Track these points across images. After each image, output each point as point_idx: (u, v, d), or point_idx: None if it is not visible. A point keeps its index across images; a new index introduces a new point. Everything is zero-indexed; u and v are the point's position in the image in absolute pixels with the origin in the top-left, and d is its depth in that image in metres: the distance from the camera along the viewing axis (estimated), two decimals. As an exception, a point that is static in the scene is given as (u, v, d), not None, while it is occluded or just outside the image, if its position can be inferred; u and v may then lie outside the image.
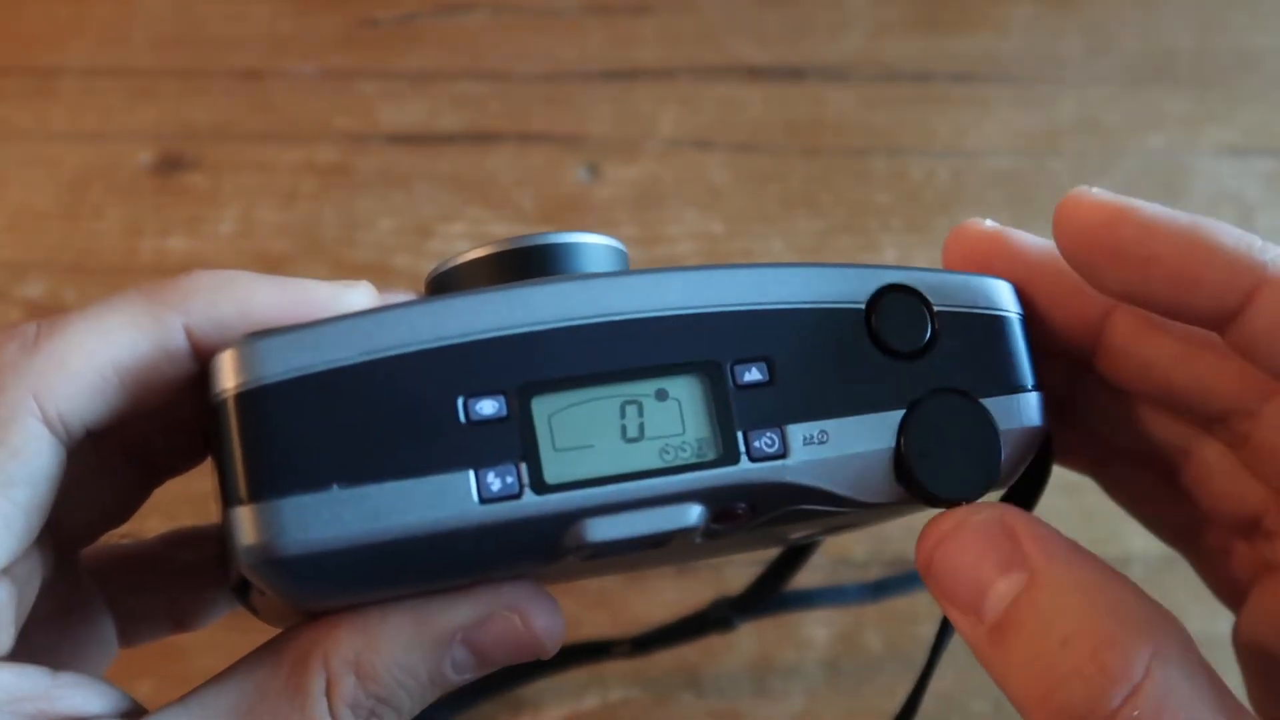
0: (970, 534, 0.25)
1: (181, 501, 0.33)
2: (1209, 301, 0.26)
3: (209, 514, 0.31)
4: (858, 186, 0.57)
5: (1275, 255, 0.25)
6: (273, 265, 0.54)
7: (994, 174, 0.58)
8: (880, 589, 0.47)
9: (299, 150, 0.57)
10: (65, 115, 0.57)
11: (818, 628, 0.48)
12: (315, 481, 0.23)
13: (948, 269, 0.29)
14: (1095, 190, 0.27)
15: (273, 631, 0.28)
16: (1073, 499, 0.53)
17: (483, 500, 0.24)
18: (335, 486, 0.23)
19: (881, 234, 0.56)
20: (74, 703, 0.25)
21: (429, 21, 0.60)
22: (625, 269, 0.29)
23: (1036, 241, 0.29)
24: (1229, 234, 0.25)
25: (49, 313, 0.35)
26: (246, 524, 0.23)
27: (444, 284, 0.28)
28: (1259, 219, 0.57)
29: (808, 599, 0.47)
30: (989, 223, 0.29)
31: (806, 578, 0.48)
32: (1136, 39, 0.62)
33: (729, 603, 0.46)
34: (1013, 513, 0.25)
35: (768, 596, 0.45)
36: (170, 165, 0.56)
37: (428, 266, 0.29)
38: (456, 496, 0.24)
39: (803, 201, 0.57)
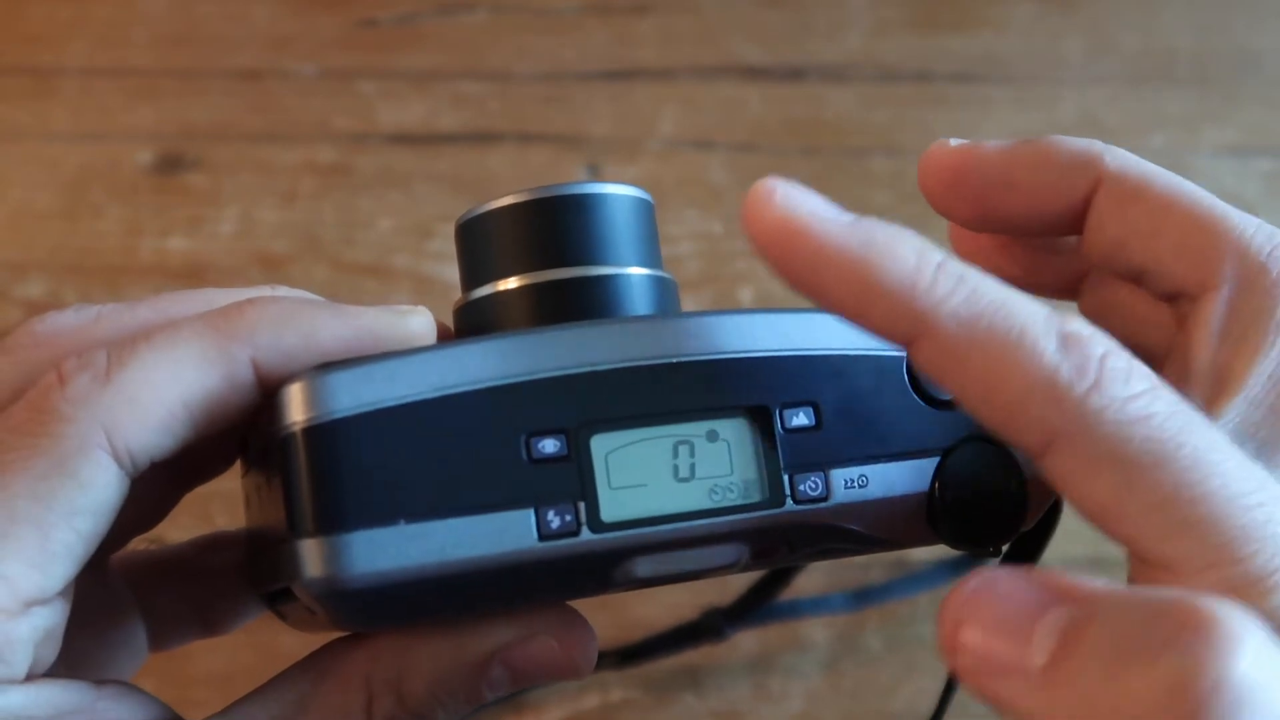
0: (1001, 588, 0.22)
1: (181, 504, 0.33)
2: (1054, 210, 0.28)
3: (210, 517, 0.31)
4: (858, 186, 0.57)
5: (1113, 151, 0.28)
6: (273, 265, 0.54)
7: (994, 174, 0.58)
8: (861, 598, 0.48)
9: (299, 150, 0.57)
10: (65, 115, 0.57)
11: (818, 628, 0.48)
12: (383, 517, 0.23)
13: (926, 194, 0.29)
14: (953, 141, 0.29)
15: (275, 633, 0.28)
16: (1073, 499, 0.53)
17: (542, 537, 0.24)
18: (402, 521, 0.23)
19: (881, 234, 0.56)
20: (117, 715, 0.25)
21: (429, 21, 0.60)
22: (651, 219, 0.30)
23: (1006, 143, 0.29)
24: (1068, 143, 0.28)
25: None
26: (313, 556, 0.23)
27: (474, 230, 0.29)
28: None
29: (794, 609, 0.47)
30: (955, 141, 0.29)
31: (809, 577, 0.48)
32: (1136, 39, 0.62)
33: (721, 613, 0.46)
34: (1030, 567, 0.23)
35: (759, 606, 0.45)
36: (170, 165, 0.56)
37: (428, 266, 0.29)
38: (518, 533, 0.24)
39: (803, 201, 0.57)
